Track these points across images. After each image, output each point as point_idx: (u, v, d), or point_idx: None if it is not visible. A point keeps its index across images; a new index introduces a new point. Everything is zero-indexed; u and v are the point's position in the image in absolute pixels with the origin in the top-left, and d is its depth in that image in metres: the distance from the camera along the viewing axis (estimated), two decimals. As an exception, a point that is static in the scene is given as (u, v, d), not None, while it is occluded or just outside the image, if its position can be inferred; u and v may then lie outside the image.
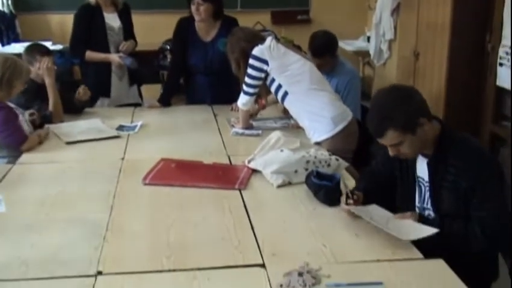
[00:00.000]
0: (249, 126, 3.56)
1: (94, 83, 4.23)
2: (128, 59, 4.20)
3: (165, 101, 4.18)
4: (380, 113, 2.09)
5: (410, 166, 2.29)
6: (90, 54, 4.20)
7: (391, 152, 2.16)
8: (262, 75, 3.25)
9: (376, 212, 2.20)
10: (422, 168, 2.23)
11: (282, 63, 3.21)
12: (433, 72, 4.65)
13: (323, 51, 3.82)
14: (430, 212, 2.22)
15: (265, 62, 3.21)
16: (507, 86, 3.88)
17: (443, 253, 1.91)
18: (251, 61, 3.24)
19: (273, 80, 3.26)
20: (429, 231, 2.01)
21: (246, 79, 3.29)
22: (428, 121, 2.09)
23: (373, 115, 2.12)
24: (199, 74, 4.11)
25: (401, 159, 2.25)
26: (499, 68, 3.95)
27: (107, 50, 4.23)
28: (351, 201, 2.24)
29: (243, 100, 3.38)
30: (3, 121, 3.12)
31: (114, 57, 4.20)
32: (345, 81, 3.77)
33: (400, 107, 2.05)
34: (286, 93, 3.24)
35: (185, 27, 4.04)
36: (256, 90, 3.34)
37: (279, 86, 3.25)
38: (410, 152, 2.15)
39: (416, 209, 2.28)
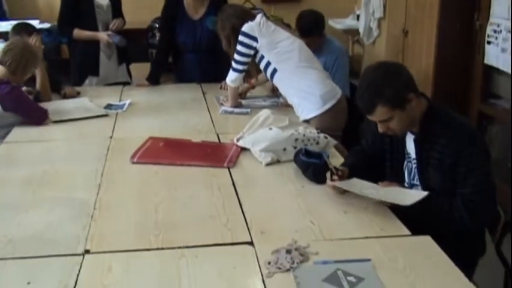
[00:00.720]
0: (238, 105, 3.54)
1: (82, 61, 4.21)
2: (116, 37, 4.15)
3: (154, 80, 4.16)
4: (369, 89, 2.09)
5: (400, 143, 2.29)
6: (78, 33, 4.15)
7: (380, 129, 2.16)
8: (252, 52, 3.23)
9: (361, 184, 2.22)
10: (410, 145, 2.25)
11: (271, 41, 3.20)
12: (421, 51, 4.64)
13: (310, 31, 3.80)
14: (418, 188, 2.23)
15: (255, 39, 3.19)
16: (494, 64, 3.88)
17: (430, 230, 1.92)
18: (240, 38, 3.22)
19: (262, 57, 3.24)
20: (420, 194, 2.08)
21: (235, 56, 3.27)
22: (416, 97, 2.10)
23: (362, 91, 2.11)
24: (188, 52, 4.08)
25: (391, 136, 2.26)
26: (486, 46, 3.94)
27: (95, 29, 4.18)
28: (335, 177, 2.24)
29: (231, 77, 3.36)
30: (25, 99, 3.21)
31: (102, 36, 4.15)
32: (332, 59, 3.76)
33: (388, 83, 2.05)
34: (275, 71, 3.23)
35: (174, 5, 4.01)
36: (245, 67, 3.32)
37: (268, 63, 3.23)
38: (399, 128, 2.15)
39: (406, 185, 2.29)
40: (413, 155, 2.24)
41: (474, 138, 2.09)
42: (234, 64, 3.32)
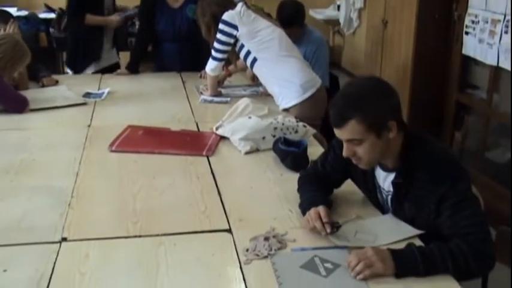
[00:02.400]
0: (217, 94, 3.54)
1: (87, 48, 4.19)
2: (130, 11, 4.29)
3: (133, 68, 4.13)
4: (348, 97, 1.78)
5: (368, 175, 2.00)
6: (91, 18, 4.10)
7: (345, 152, 1.82)
8: (232, 40, 3.23)
9: (352, 228, 1.89)
10: (382, 179, 1.96)
11: (251, 29, 3.19)
12: (400, 41, 4.67)
13: (291, 21, 3.80)
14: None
15: (235, 27, 3.18)
16: (472, 54, 3.92)
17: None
18: (221, 26, 3.21)
19: (242, 46, 3.24)
20: (413, 231, 1.83)
21: (215, 44, 3.27)
22: (396, 129, 1.78)
23: (339, 98, 1.80)
24: (168, 41, 4.06)
25: (357, 166, 1.91)
26: (465, 37, 3.98)
27: (102, 14, 4.17)
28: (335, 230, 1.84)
29: (211, 66, 3.35)
30: (6, 87, 3.16)
31: (112, 19, 4.16)
32: (312, 49, 3.77)
33: (374, 99, 1.76)
34: (255, 60, 3.23)
35: None
36: (225, 55, 3.31)
37: (248, 52, 3.23)
38: (366, 159, 1.83)
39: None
40: (387, 188, 1.95)
41: (458, 171, 1.80)
42: (213, 53, 3.31)
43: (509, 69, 3.47)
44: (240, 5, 3.26)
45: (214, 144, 2.69)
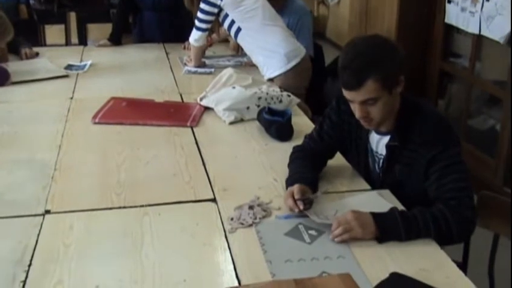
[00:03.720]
0: (201, 65, 3.51)
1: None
2: None
3: (116, 40, 4.08)
4: (362, 57, 1.73)
5: (362, 139, 2.01)
6: None
7: (359, 113, 1.81)
8: (215, 10, 3.19)
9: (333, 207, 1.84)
10: (376, 142, 1.98)
11: None
12: (384, 10, 4.65)
13: None
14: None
15: None
16: (454, 23, 3.91)
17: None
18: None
19: (226, 16, 3.21)
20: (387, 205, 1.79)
21: (199, 14, 3.23)
22: (403, 83, 1.80)
23: (352, 59, 1.74)
24: (148, 10, 4.01)
25: (351, 130, 2.00)
26: (447, 5, 3.96)
27: None
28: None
29: (195, 36, 3.32)
30: None
31: None
32: (296, 18, 3.73)
33: (385, 55, 1.75)
34: (239, 29, 3.20)
35: None
36: (209, 25, 3.29)
37: (232, 22, 3.21)
38: (377, 118, 1.82)
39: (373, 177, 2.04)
40: (380, 151, 1.97)
41: (450, 135, 1.83)
42: (197, 23, 3.27)
43: (491, 37, 3.47)
44: None
45: (199, 115, 2.68)
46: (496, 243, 1.99)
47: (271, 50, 3.15)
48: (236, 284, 1.46)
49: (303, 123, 2.60)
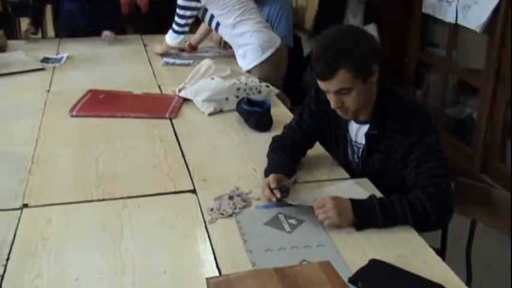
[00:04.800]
0: (180, 55, 3.51)
1: None
2: None
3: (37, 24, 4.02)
4: (333, 48, 1.74)
5: (342, 128, 2.02)
6: None
7: (334, 103, 1.82)
8: (195, 12, 3.22)
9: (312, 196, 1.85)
10: (355, 131, 1.98)
11: None
12: (363, 0, 4.67)
13: None
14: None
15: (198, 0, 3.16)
16: (431, 12, 3.93)
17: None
18: (183, 2, 3.17)
19: (205, 11, 3.21)
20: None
21: (178, 20, 3.25)
22: (378, 72, 1.81)
23: (323, 50, 1.76)
24: (68, 1, 3.94)
25: (330, 120, 2.02)
26: (425, -5, 4.00)
27: None
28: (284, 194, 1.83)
29: (175, 40, 3.33)
30: None
31: None
32: (276, 8, 3.73)
33: (357, 44, 1.75)
34: (218, 24, 3.23)
35: None
36: (186, 30, 3.31)
37: (212, 17, 3.21)
38: (353, 108, 1.83)
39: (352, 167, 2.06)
40: (359, 141, 1.98)
41: (428, 123, 1.84)
42: (176, 27, 3.28)
43: (468, 26, 3.50)
44: None
45: (177, 107, 2.67)
46: (473, 229, 2.01)
47: (246, 42, 3.16)
48: (216, 274, 1.46)
49: (282, 114, 2.60)
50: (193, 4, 3.17)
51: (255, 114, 2.42)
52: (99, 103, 2.74)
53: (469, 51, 3.87)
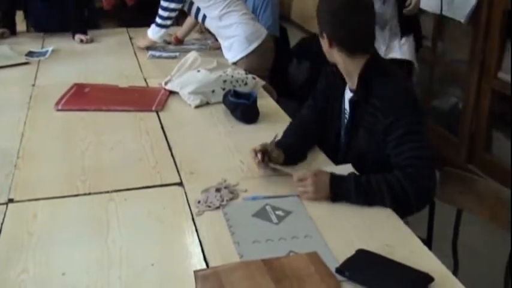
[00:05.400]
0: (165, 48, 3.49)
1: None
2: None
3: (12, 29, 3.92)
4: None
5: (337, 99, 2.07)
6: None
7: None
8: (180, 6, 3.22)
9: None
10: (347, 100, 2.03)
11: None
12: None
13: None
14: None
15: None
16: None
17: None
18: None
19: (191, 4, 3.21)
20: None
21: (162, 12, 3.24)
22: (328, 44, 1.89)
23: None
24: (37, 2, 3.87)
25: (332, 90, 2.08)
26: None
27: None
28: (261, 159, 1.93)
29: (158, 33, 3.32)
30: None
31: None
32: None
33: (321, 6, 1.91)
34: (204, 16, 3.23)
35: None
36: (170, 22, 3.30)
37: (198, 10, 3.21)
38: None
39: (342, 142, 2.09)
40: (348, 108, 2.02)
41: (410, 105, 1.84)
42: (160, 20, 3.28)
43: (453, 17, 3.51)
44: None
45: (164, 99, 2.66)
46: (459, 218, 2.02)
47: (232, 34, 3.15)
48: (204, 266, 1.46)
49: (268, 105, 2.60)
50: None
51: (241, 106, 2.42)
52: (85, 97, 2.72)
53: (454, 42, 3.89)
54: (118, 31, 4.04)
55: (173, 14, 3.25)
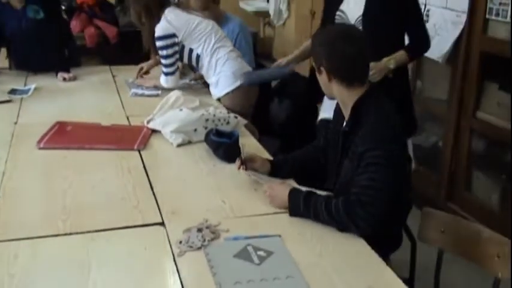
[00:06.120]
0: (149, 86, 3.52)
1: None
2: None
3: None
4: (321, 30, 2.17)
5: (336, 132, 2.12)
6: None
7: None
8: (177, 48, 3.24)
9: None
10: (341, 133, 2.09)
11: (189, 28, 3.22)
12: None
13: None
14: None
15: (174, 36, 3.20)
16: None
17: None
18: (160, 43, 3.21)
19: (182, 48, 3.26)
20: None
21: (164, 61, 3.27)
22: (327, 77, 1.98)
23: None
24: (18, 42, 3.87)
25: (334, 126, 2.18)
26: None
27: None
28: (243, 166, 2.19)
29: (168, 82, 3.33)
30: None
31: None
32: (234, 33, 3.77)
33: (318, 40, 2.04)
34: (198, 56, 3.26)
35: None
36: (177, 66, 3.33)
37: (190, 51, 3.27)
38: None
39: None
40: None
41: (384, 138, 1.88)
42: (165, 69, 3.31)
43: (431, 56, 3.59)
44: (167, 11, 3.23)
45: (146, 138, 2.67)
46: (441, 258, 2.04)
47: (219, 70, 3.21)
48: (185, 308, 1.46)
49: (250, 145, 2.62)
50: (170, 41, 3.20)
51: (223, 145, 2.43)
52: (67, 135, 2.72)
53: (432, 81, 3.96)
54: (101, 69, 4.06)
55: (174, 59, 3.27)
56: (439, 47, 3.50)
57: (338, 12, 2.73)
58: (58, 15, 4.02)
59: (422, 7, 3.62)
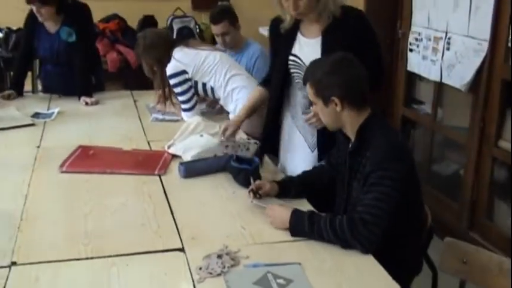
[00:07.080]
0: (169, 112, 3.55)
1: None
2: None
3: (19, 89, 4.00)
4: (311, 64, 2.12)
5: (343, 156, 2.18)
6: None
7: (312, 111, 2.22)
8: (190, 83, 3.29)
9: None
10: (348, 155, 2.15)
11: (197, 63, 3.26)
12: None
13: (221, 16, 3.81)
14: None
15: (184, 72, 3.25)
16: (416, 70, 4.03)
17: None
18: (173, 80, 3.26)
19: (196, 83, 3.30)
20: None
21: (181, 98, 3.31)
22: (341, 105, 2.00)
23: (311, 62, 2.14)
24: (49, 64, 3.98)
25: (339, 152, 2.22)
26: (409, 54, 4.09)
27: None
28: (254, 197, 2.24)
29: (194, 116, 3.31)
30: None
31: None
32: (253, 59, 3.81)
33: (324, 71, 2.02)
34: (212, 88, 3.30)
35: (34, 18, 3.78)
36: (195, 100, 3.35)
37: (204, 85, 3.31)
38: (322, 119, 2.12)
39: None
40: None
41: (390, 161, 1.92)
42: (184, 105, 3.33)
43: (452, 84, 3.58)
44: (176, 50, 3.29)
45: (167, 163, 2.69)
46: (462, 288, 2.02)
47: (237, 97, 3.23)
48: (205, 335, 1.46)
49: (270, 170, 2.63)
50: (182, 78, 3.25)
51: (243, 171, 2.44)
52: (89, 159, 2.75)
53: (453, 109, 3.95)
54: (123, 93, 4.11)
55: (190, 94, 3.30)
56: (460, 75, 3.50)
57: (291, 57, 2.59)
58: (90, 39, 4.08)
59: (443, 35, 3.64)
